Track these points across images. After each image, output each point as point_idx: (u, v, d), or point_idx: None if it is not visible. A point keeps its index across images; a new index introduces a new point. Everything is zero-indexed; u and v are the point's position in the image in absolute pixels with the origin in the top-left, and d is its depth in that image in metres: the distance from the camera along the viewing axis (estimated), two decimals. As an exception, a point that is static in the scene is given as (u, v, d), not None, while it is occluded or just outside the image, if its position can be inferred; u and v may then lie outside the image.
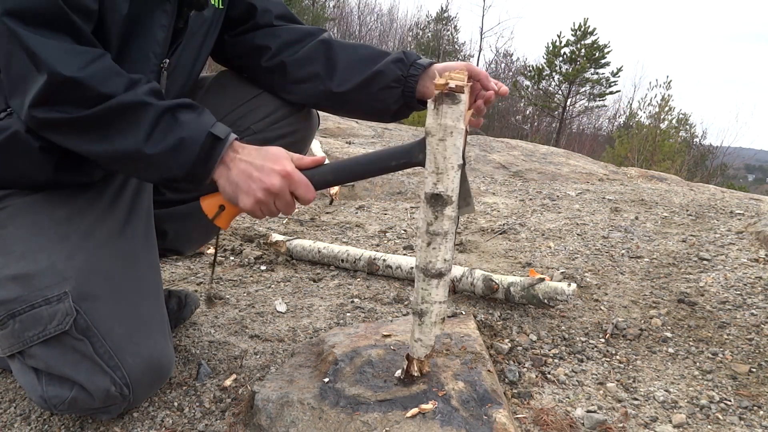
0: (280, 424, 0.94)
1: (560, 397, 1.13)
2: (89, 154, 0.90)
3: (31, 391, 0.94)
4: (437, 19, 30.84)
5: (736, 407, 1.10)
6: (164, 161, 0.89)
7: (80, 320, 0.90)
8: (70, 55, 0.83)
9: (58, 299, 0.89)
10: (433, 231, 0.90)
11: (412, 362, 1.00)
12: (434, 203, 0.88)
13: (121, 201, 1.04)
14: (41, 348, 0.90)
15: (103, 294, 0.93)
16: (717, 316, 1.45)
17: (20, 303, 0.89)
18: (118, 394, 0.93)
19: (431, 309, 0.94)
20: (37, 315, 0.89)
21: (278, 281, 1.77)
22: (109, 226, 1.00)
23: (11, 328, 0.89)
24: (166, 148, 0.88)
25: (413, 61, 1.13)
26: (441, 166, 0.86)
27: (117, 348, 0.92)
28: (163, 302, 1.05)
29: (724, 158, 19.18)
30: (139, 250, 1.03)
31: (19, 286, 0.89)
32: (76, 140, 0.89)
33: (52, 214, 0.97)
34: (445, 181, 0.87)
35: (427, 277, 0.93)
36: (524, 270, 1.84)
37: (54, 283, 0.90)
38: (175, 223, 1.26)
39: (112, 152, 0.89)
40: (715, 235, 2.17)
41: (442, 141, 0.85)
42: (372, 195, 3.30)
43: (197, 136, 0.89)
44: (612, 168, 4.72)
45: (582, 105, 26.52)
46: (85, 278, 0.92)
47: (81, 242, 0.95)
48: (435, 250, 0.91)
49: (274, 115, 1.23)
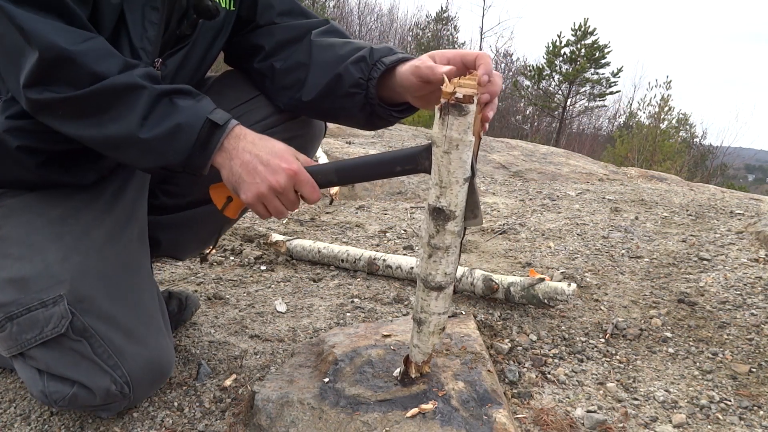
0: (280, 424, 0.94)
1: (560, 397, 1.13)
2: (85, 139, 0.87)
3: (32, 386, 0.94)
4: (437, 19, 30.84)
5: (736, 407, 1.10)
6: (160, 147, 0.85)
7: (77, 322, 0.89)
8: (63, 32, 0.80)
9: (53, 302, 0.88)
10: (434, 244, 0.87)
11: (411, 365, 1.00)
12: (436, 217, 0.84)
13: (119, 204, 1.03)
14: (40, 350, 0.90)
15: (100, 295, 0.93)
16: (717, 316, 1.45)
17: (17, 306, 0.89)
18: (118, 392, 0.93)
19: (429, 319, 0.93)
20: (33, 318, 0.88)
21: (278, 281, 1.77)
22: (105, 228, 0.99)
23: (9, 331, 0.90)
24: (161, 134, 0.84)
25: (377, 60, 0.99)
26: (445, 179, 0.81)
27: (116, 348, 0.92)
28: (160, 301, 1.05)
29: (724, 158, 19.19)
30: (135, 253, 1.02)
31: (15, 289, 0.89)
32: (71, 124, 0.86)
33: (47, 214, 0.96)
34: (448, 195, 0.82)
35: (427, 289, 0.91)
36: (524, 270, 1.84)
37: (49, 286, 0.89)
38: (169, 232, 1.24)
39: (107, 137, 0.85)
40: (715, 235, 2.17)
41: (446, 154, 0.79)
42: (372, 195, 3.30)
43: (195, 121, 0.86)
44: (612, 168, 4.72)
45: (582, 105, 26.51)
46: (81, 280, 0.91)
47: (76, 243, 0.94)
48: (435, 263, 0.88)
49: (267, 120, 1.17)
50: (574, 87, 25.46)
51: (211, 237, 1.34)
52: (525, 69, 27.63)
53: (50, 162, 0.95)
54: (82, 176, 1.00)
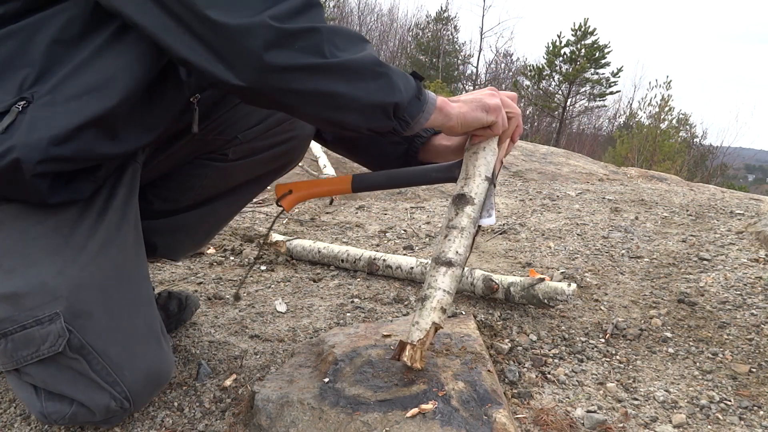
0: (280, 424, 0.94)
1: (560, 397, 1.13)
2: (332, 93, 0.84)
3: (30, 406, 0.92)
4: (437, 19, 30.84)
5: (736, 407, 1.10)
6: (395, 83, 0.87)
7: (74, 340, 0.86)
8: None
9: (49, 320, 0.85)
10: (451, 225, 0.97)
11: (405, 347, 0.96)
12: (458, 202, 0.98)
13: (111, 210, 0.99)
14: (36, 367, 0.87)
15: (97, 310, 0.90)
16: (717, 316, 1.45)
17: (11, 323, 0.85)
18: (118, 408, 0.91)
19: (434, 294, 0.95)
20: (29, 336, 0.85)
21: (278, 281, 1.77)
22: (100, 236, 0.95)
23: (4, 348, 0.86)
24: (400, 76, 0.88)
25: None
26: (470, 172, 0.99)
27: (114, 364, 0.89)
28: (156, 310, 1.02)
29: (724, 158, 19.18)
30: (131, 259, 0.99)
31: (9, 305, 0.85)
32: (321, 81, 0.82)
33: (41, 223, 0.92)
34: (470, 184, 0.98)
35: (437, 265, 0.96)
36: (524, 270, 1.84)
37: (44, 303, 0.85)
38: (164, 236, 1.22)
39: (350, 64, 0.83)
40: (715, 235, 2.17)
41: (474, 153, 1.00)
42: (372, 195, 3.30)
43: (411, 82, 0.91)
44: (612, 168, 4.73)
45: (582, 105, 26.53)
46: (78, 295, 0.88)
47: (72, 255, 0.91)
48: (449, 241, 0.96)
49: (267, 121, 1.17)
50: (574, 87, 25.49)
51: (207, 238, 1.35)
52: (525, 69, 27.66)
53: (57, 180, 0.91)
54: (81, 190, 0.96)
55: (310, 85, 0.82)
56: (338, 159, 3.74)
